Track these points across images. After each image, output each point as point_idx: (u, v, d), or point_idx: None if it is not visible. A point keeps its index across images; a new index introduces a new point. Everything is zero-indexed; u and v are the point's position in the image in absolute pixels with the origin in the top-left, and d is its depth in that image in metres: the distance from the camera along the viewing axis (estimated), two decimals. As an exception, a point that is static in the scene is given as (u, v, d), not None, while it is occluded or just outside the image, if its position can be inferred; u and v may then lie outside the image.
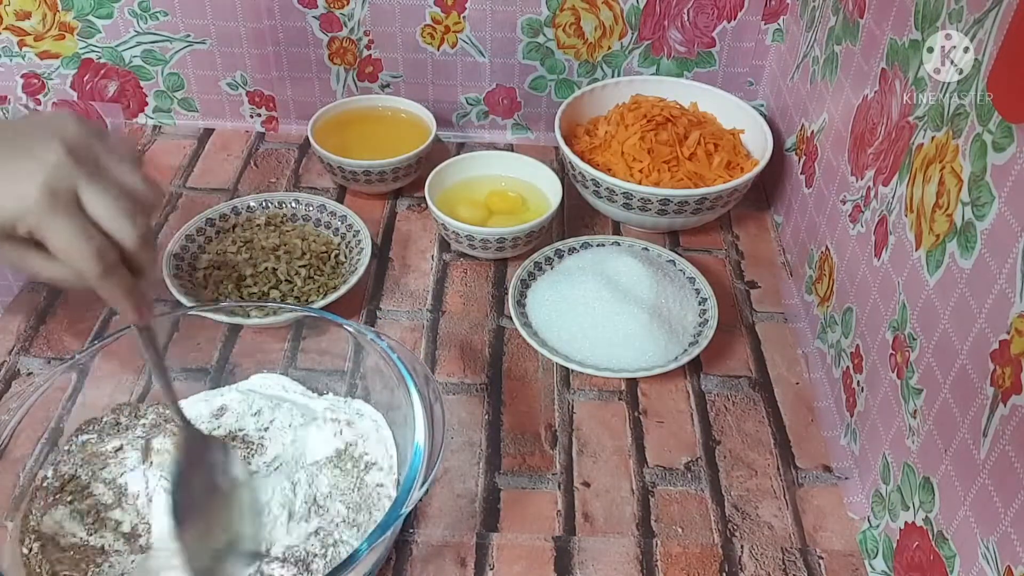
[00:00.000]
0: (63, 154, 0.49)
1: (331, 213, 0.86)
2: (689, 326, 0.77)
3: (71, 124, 0.51)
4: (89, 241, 0.49)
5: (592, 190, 0.86)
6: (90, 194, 0.49)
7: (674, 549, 0.63)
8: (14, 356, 0.75)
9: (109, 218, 0.49)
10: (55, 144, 0.49)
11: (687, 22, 0.94)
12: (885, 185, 0.65)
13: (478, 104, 1.02)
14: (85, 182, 0.49)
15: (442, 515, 0.65)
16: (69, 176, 0.48)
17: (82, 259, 0.49)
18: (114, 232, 0.50)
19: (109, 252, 0.50)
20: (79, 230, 0.48)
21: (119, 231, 0.50)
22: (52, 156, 0.48)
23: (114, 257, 0.50)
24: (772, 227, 0.93)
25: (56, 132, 0.50)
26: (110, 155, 0.51)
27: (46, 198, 0.48)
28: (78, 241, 0.48)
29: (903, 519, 0.59)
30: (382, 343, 0.62)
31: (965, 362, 0.52)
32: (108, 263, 0.50)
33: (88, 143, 0.50)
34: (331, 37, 0.96)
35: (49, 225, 0.48)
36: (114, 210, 0.49)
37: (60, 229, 0.48)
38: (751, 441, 0.71)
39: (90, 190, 0.49)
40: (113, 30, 0.95)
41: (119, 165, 0.51)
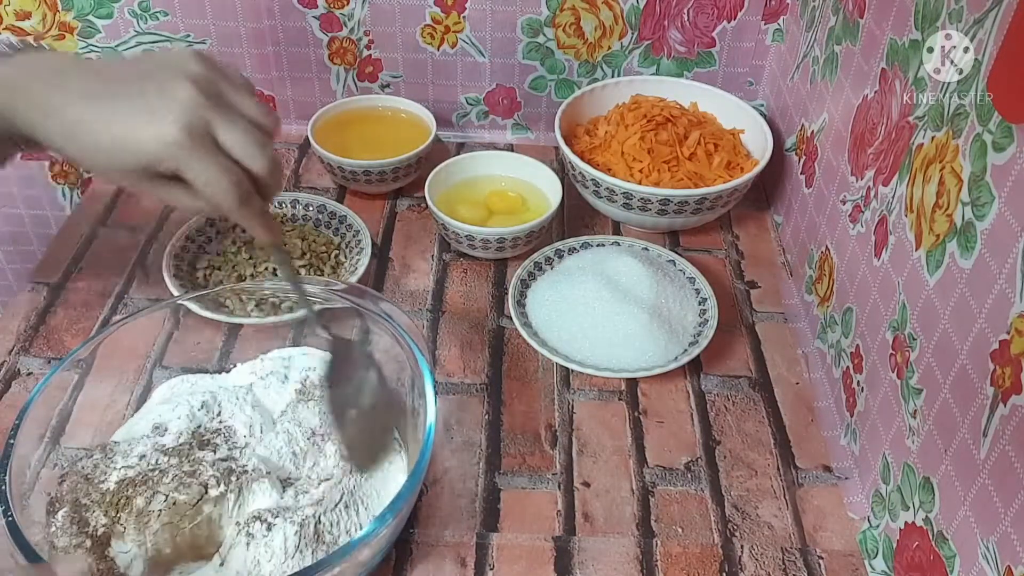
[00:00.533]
0: (195, 92, 0.50)
1: (331, 213, 0.86)
2: (689, 326, 0.77)
3: (192, 61, 0.52)
4: (227, 175, 0.51)
5: (592, 190, 0.86)
6: (223, 129, 0.51)
7: (674, 549, 0.63)
8: (14, 356, 0.75)
9: (242, 150, 0.52)
10: (184, 82, 0.50)
11: (687, 22, 0.94)
12: (885, 185, 0.65)
13: (478, 104, 1.02)
14: (217, 117, 0.51)
15: (442, 515, 0.65)
16: (203, 113, 0.50)
17: (222, 192, 0.51)
18: (247, 162, 0.52)
19: (244, 182, 0.52)
20: (218, 165, 0.51)
21: (252, 161, 0.52)
22: (184, 94, 0.50)
23: (248, 186, 0.53)
24: (772, 227, 0.93)
25: (182, 70, 0.51)
26: (232, 88, 0.53)
27: (185, 137, 0.49)
28: (218, 176, 0.51)
29: (903, 519, 0.59)
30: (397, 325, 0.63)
31: (965, 362, 0.52)
32: (244, 191, 0.52)
33: (211, 78, 0.52)
34: (331, 37, 0.96)
35: (190, 163, 0.50)
36: (245, 142, 0.52)
37: (201, 166, 0.50)
38: (751, 441, 0.71)
39: (223, 125, 0.51)
40: (113, 30, 0.95)
41: (241, 97, 0.53)
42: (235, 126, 0.52)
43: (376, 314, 0.64)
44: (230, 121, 0.52)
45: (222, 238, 0.83)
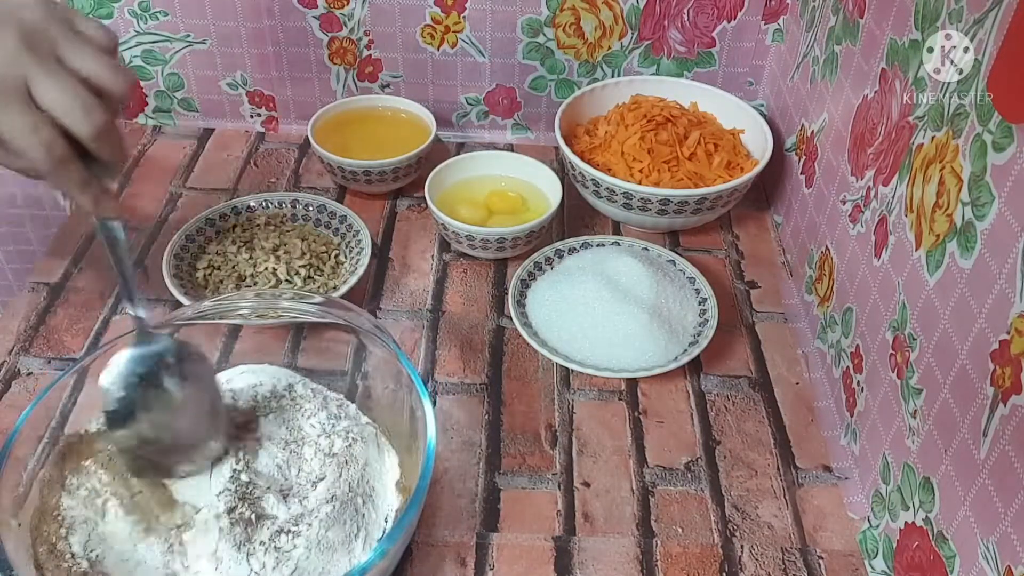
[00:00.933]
0: (15, 41, 0.47)
1: (331, 213, 0.86)
2: (689, 326, 0.77)
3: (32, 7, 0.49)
4: (35, 134, 0.47)
5: (592, 190, 0.86)
6: (40, 84, 0.47)
7: (674, 549, 0.63)
8: (14, 356, 0.75)
9: (60, 109, 0.48)
10: (8, 31, 0.47)
11: (687, 22, 0.94)
12: (885, 185, 0.65)
13: (478, 104, 1.02)
14: (36, 71, 0.47)
15: (442, 515, 0.65)
16: (19, 66, 0.47)
17: (30, 151, 0.48)
18: (66, 123, 0.48)
19: (58, 145, 0.48)
20: (26, 122, 0.47)
21: (72, 123, 0.48)
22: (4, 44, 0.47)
23: (64, 150, 0.49)
24: (772, 227, 0.93)
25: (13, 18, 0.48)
26: (72, 41, 0.49)
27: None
28: (25, 133, 0.47)
29: (903, 519, 0.59)
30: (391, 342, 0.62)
31: (965, 362, 0.52)
32: (57, 156, 0.48)
33: (47, 28, 0.48)
34: (331, 37, 0.96)
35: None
36: (66, 101, 0.48)
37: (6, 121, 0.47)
38: (751, 441, 0.71)
39: (41, 80, 0.47)
40: (113, 30, 0.95)
41: (80, 51, 0.49)
42: (56, 81, 0.47)
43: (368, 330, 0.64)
44: (52, 78, 0.47)
45: (222, 238, 0.83)
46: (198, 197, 0.93)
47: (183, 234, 0.81)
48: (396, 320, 0.80)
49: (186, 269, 0.79)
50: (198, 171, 0.97)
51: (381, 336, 0.62)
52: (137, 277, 0.58)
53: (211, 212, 0.84)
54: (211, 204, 0.86)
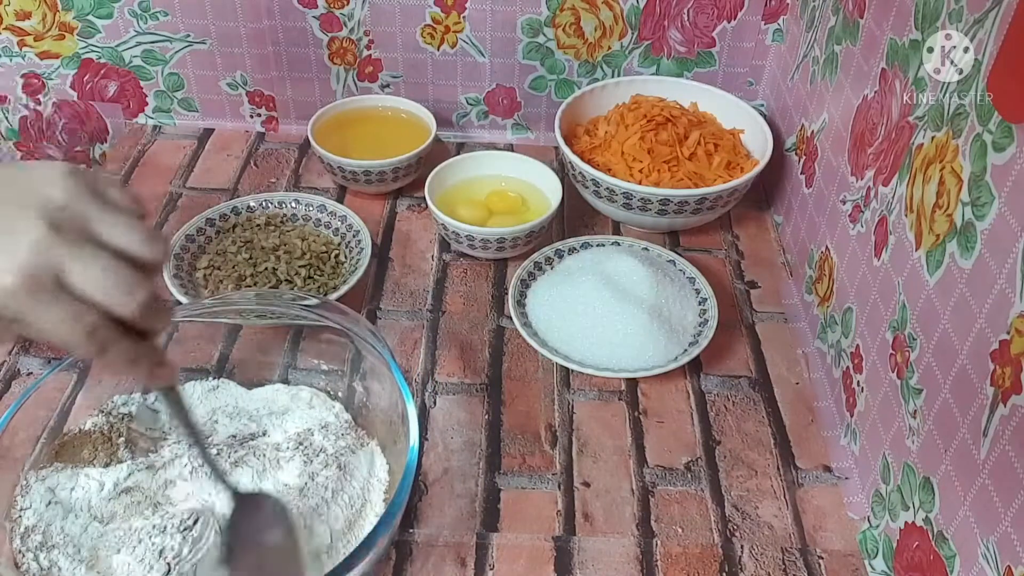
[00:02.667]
0: (44, 227, 0.43)
1: (331, 213, 0.86)
2: (689, 326, 0.77)
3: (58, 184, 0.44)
4: (76, 323, 0.43)
5: (592, 190, 0.86)
6: (76, 272, 0.43)
7: (674, 549, 0.63)
8: (14, 356, 0.75)
9: (101, 293, 0.44)
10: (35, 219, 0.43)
11: (687, 22, 0.94)
12: (885, 185, 0.65)
13: (478, 104, 1.02)
14: (71, 258, 0.43)
15: (442, 515, 0.65)
16: (52, 255, 0.42)
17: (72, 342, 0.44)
18: (109, 306, 0.44)
19: (103, 329, 0.44)
20: (66, 314, 0.43)
21: (115, 304, 0.44)
22: (32, 233, 0.42)
23: (108, 333, 0.44)
24: (772, 227, 0.93)
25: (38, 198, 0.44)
26: (104, 215, 0.45)
27: (26, 283, 0.42)
28: (66, 326, 0.43)
29: (903, 519, 0.59)
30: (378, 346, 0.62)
31: (965, 362, 0.52)
32: (102, 340, 0.44)
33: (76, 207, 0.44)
34: (331, 37, 0.96)
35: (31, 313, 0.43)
36: (106, 283, 0.44)
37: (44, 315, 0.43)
38: (751, 441, 0.71)
39: (75, 267, 0.43)
40: (113, 30, 0.95)
41: (113, 225, 0.45)
42: (93, 264, 0.43)
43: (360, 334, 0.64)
44: (87, 260, 0.43)
45: (222, 238, 0.83)
46: (198, 197, 0.93)
47: (183, 234, 0.81)
48: (396, 320, 0.80)
49: (186, 269, 0.79)
50: (198, 171, 0.97)
51: (371, 340, 0.62)
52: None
53: (211, 212, 0.84)
54: (211, 204, 0.86)
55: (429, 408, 0.72)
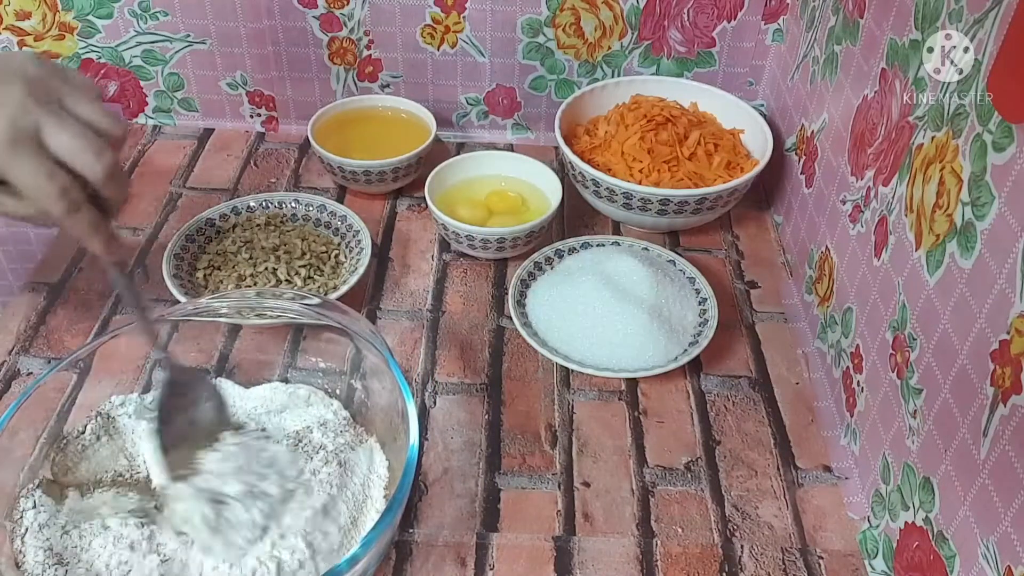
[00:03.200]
0: (24, 94, 0.49)
1: (331, 213, 0.86)
2: (689, 326, 0.77)
3: (31, 63, 0.51)
4: (52, 179, 0.49)
5: (592, 190, 0.86)
6: (53, 132, 0.49)
7: (674, 549, 0.63)
8: (14, 356, 0.75)
9: (73, 154, 0.50)
10: (16, 84, 0.49)
11: (687, 22, 0.94)
12: (885, 185, 0.65)
13: (478, 104, 1.02)
14: (47, 120, 0.49)
15: (442, 515, 0.65)
16: (30, 115, 0.48)
17: (46, 197, 0.49)
18: (79, 167, 0.50)
19: (73, 189, 0.50)
20: (42, 169, 0.49)
21: (84, 166, 0.50)
22: (13, 96, 0.48)
23: (79, 194, 0.50)
24: (772, 227, 0.93)
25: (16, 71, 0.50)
26: (71, 92, 0.51)
27: (8, 138, 0.48)
28: (42, 180, 0.49)
29: (903, 519, 0.59)
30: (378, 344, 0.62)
31: (965, 362, 0.52)
32: (73, 200, 0.50)
33: (49, 81, 0.50)
34: (331, 37, 0.96)
35: (12, 165, 0.48)
36: (78, 146, 0.49)
37: (23, 168, 0.48)
38: (751, 441, 0.71)
39: (53, 128, 0.49)
40: (113, 30, 0.95)
41: (81, 101, 0.51)
42: (65, 129, 0.50)
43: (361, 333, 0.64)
44: (60, 124, 0.49)
45: (222, 238, 0.83)
46: (198, 197, 0.93)
47: (183, 234, 0.81)
48: (396, 320, 0.80)
49: (186, 269, 0.79)
50: (198, 171, 0.97)
51: (371, 340, 0.63)
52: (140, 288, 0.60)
53: (211, 212, 0.84)
54: (211, 204, 0.86)
55: (429, 408, 0.72)
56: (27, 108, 0.49)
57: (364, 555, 0.51)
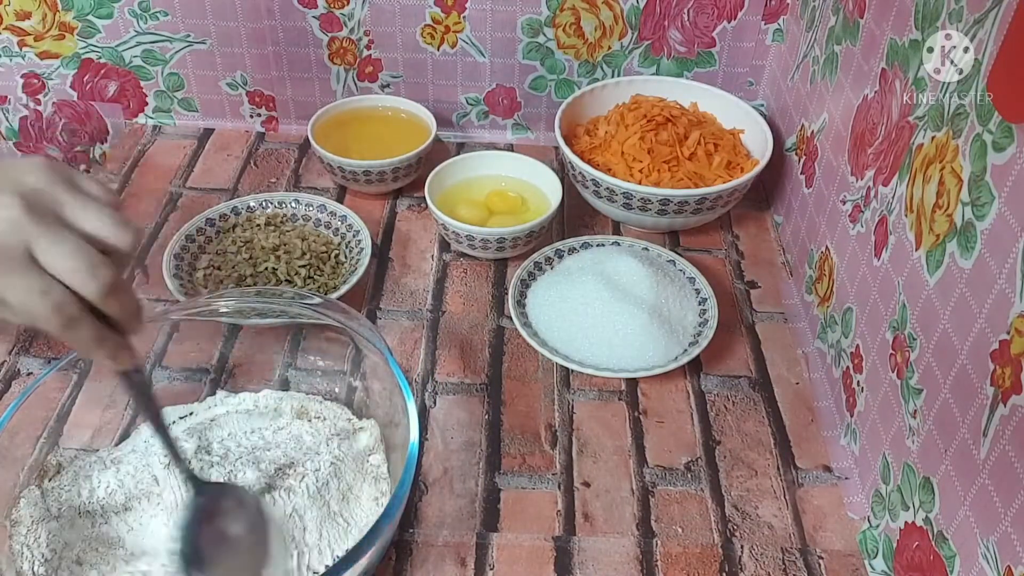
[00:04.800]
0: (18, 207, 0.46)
1: (331, 213, 0.86)
2: (689, 326, 0.77)
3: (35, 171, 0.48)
4: (44, 297, 0.46)
5: (592, 190, 0.86)
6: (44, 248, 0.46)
7: (674, 549, 0.63)
8: (14, 356, 0.75)
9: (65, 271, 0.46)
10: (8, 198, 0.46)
11: (687, 22, 0.94)
12: (885, 185, 0.65)
13: (478, 104, 1.02)
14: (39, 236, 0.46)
15: (442, 515, 0.65)
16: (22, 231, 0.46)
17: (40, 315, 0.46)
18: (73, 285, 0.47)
19: (69, 305, 0.47)
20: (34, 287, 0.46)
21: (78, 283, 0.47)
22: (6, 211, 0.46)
23: (75, 310, 0.47)
24: (772, 227, 0.93)
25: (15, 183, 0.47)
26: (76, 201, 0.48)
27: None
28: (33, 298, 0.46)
29: (903, 519, 0.59)
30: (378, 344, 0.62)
31: (965, 362, 0.52)
32: (68, 316, 0.47)
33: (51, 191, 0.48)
34: (331, 37, 0.96)
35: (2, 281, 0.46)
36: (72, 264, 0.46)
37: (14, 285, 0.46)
38: (751, 441, 0.71)
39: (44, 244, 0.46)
40: (113, 30, 0.95)
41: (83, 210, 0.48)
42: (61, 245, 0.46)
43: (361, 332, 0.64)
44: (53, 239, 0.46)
45: (222, 238, 0.83)
46: (198, 197, 0.93)
47: (183, 234, 0.81)
48: (396, 320, 0.80)
49: (186, 269, 0.79)
50: (198, 171, 0.97)
51: (372, 339, 0.63)
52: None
53: (211, 212, 0.84)
54: (211, 204, 0.86)
55: (429, 408, 0.72)
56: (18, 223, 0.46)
57: (364, 554, 0.51)
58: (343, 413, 0.67)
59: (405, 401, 0.58)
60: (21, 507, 0.57)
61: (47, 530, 0.56)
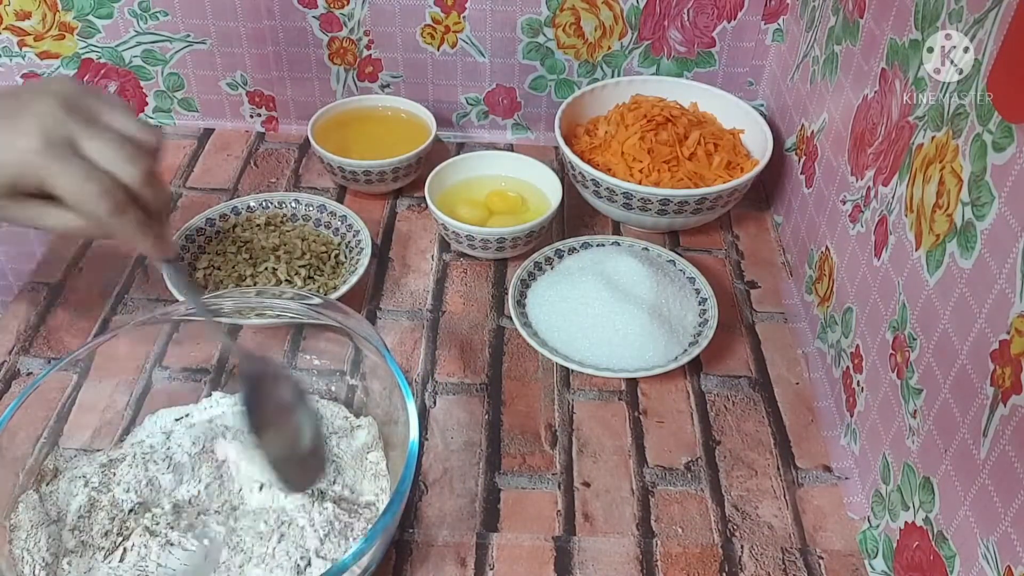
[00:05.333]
0: (56, 106, 0.51)
1: (331, 213, 0.86)
2: (689, 326, 0.77)
3: (65, 82, 0.54)
4: (94, 181, 0.50)
5: (592, 190, 0.86)
6: (87, 140, 0.51)
7: (674, 549, 0.63)
8: (14, 356, 0.75)
9: (109, 160, 0.52)
10: (49, 99, 0.51)
11: (687, 22, 0.94)
12: (885, 185, 0.65)
13: (478, 104, 1.02)
14: (81, 129, 0.51)
15: (442, 515, 0.65)
16: (64, 125, 0.51)
17: (91, 199, 0.51)
18: (116, 172, 0.52)
19: (116, 190, 0.51)
20: (83, 171, 0.50)
21: (121, 171, 0.52)
22: (46, 108, 0.51)
23: (122, 195, 0.52)
24: (772, 227, 0.93)
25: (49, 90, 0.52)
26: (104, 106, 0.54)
27: (45, 146, 0.50)
28: (84, 182, 0.50)
29: (903, 519, 0.59)
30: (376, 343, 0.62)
31: (965, 362, 0.52)
32: (117, 200, 0.51)
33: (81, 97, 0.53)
34: (331, 37, 0.96)
35: (52, 171, 0.50)
36: (113, 152, 0.51)
37: (64, 173, 0.50)
38: (751, 441, 0.71)
39: (87, 136, 0.51)
40: (113, 30, 0.95)
41: (113, 113, 0.54)
42: (100, 137, 0.52)
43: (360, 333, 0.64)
44: (94, 132, 0.52)
45: (222, 238, 0.83)
46: (198, 197, 0.93)
47: (183, 234, 0.81)
48: (396, 320, 0.80)
49: (186, 269, 0.79)
50: (198, 171, 0.97)
51: (370, 339, 0.63)
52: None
53: (211, 212, 0.84)
54: (211, 204, 0.86)
55: (429, 408, 0.72)
56: (60, 119, 0.51)
57: (363, 554, 0.51)
58: (339, 411, 0.67)
59: (404, 400, 0.58)
60: (20, 512, 0.57)
61: (47, 534, 0.56)
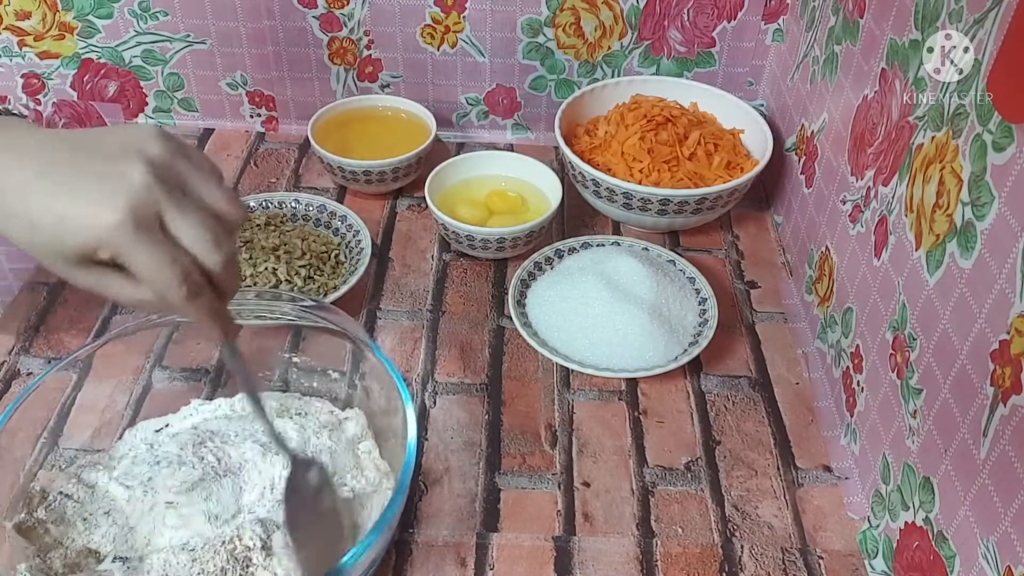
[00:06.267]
0: (147, 175, 0.46)
1: (331, 213, 0.86)
2: (689, 326, 0.77)
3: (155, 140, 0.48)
4: (174, 265, 0.46)
5: (592, 190, 0.86)
6: (175, 218, 0.47)
7: (674, 549, 0.63)
8: (14, 356, 0.75)
9: (194, 242, 0.47)
10: (139, 164, 0.46)
11: (687, 22, 0.94)
12: (885, 185, 0.65)
13: (478, 104, 1.02)
14: (170, 205, 0.47)
15: (442, 515, 0.65)
16: (154, 199, 0.46)
17: (167, 284, 0.47)
18: (199, 256, 0.47)
19: (194, 275, 0.48)
20: (164, 254, 0.46)
21: (204, 255, 0.48)
22: (136, 177, 0.46)
23: (199, 279, 0.48)
24: (772, 227, 0.93)
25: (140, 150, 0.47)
26: (193, 174, 0.49)
27: (130, 222, 0.45)
28: (163, 266, 0.46)
29: (903, 519, 0.59)
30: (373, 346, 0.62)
31: (965, 362, 0.52)
32: (194, 286, 0.48)
33: (172, 162, 0.48)
34: (331, 37, 0.96)
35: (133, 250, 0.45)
36: (199, 234, 0.47)
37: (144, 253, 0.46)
38: (751, 441, 0.71)
39: (175, 213, 0.47)
40: (113, 30, 0.95)
41: (203, 185, 0.49)
42: (189, 215, 0.47)
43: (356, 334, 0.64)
44: (183, 209, 0.47)
45: (222, 238, 0.83)
46: (198, 197, 0.93)
47: (183, 234, 0.81)
48: (396, 320, 0.80)
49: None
50: (198, 171, 0.97)
51: (367, 340, 0.63)
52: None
53: (211, 212, 0.84)
54: (211, 204, 0.86)
55: (429, 408, 0.72)
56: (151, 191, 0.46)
57: (364, 554, 0.51)
58: (324, 406, 0.67)
59: (403, 403, 0.58)
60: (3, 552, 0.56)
61: None
